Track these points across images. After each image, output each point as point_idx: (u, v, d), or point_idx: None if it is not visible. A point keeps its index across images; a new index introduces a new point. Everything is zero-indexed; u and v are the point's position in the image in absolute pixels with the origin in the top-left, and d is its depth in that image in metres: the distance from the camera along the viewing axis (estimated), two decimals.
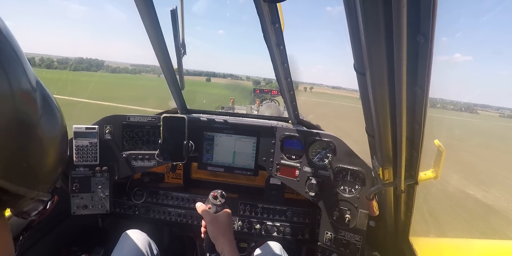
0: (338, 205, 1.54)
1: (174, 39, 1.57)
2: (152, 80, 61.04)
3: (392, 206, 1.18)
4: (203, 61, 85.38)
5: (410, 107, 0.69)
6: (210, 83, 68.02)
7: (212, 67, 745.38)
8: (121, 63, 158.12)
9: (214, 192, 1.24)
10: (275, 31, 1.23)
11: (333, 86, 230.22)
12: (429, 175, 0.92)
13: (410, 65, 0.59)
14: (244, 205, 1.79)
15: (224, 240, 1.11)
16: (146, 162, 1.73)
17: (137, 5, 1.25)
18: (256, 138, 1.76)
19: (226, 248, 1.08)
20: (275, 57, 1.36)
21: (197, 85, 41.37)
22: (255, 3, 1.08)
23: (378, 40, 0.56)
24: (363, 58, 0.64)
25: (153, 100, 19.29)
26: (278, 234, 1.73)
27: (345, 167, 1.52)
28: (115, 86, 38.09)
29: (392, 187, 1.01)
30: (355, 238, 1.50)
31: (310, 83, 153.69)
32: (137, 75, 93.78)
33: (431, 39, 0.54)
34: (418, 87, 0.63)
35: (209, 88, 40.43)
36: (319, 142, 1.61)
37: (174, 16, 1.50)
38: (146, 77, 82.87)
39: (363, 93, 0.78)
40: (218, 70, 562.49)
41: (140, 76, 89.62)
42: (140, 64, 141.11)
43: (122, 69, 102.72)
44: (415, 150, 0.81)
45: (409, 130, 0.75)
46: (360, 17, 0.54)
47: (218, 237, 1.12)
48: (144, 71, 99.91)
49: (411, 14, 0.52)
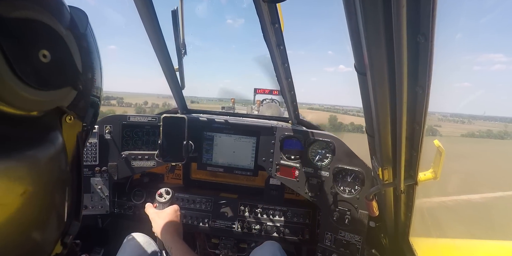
0: (338, 206, 1.54)
1: (174, 39, 1.57)
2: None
3: (392, 207, 1.18)
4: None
5: (411, 108, 0.69)
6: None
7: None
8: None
9: (159, 191, 1.26)
10: (275, 31, 1.23)
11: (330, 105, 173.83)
12: (428, 175, 0.92)
13: (411, 65, 0.59)
14: (244, 205, 1.79)
15: (167, 236, 1.10)
16: (146, 162, 1.72)
17: (137, 5, 1.25)
18: (256, 138, 1.76)
19: (171, 244, 1.08)
20: (275, 58, 1.36)
21: None
22: (254, 3, 1.08)
23: (378, 40, 0.56)
24: (364, 58, 0.64)
25: None
26: (278, 234, 1.73)
27: (345, 167, 1.52)
28: None
29: (392, 187, 1.01)
30: (355, 238, 1.50)
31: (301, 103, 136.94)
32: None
33: (431, 39, 0.54)
34: (419, 87, 0.63)
35: None
36: (319, 142, 1.61)
37: (175, 16, 1.50)
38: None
39: (364, 93, 0.78)
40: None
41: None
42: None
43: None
44: (414, 150, 0.81)
45: (409, 130, 0.75)
46: (360, 17, 0.54)
47: (162, 233, 1.12)
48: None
49: (411, 14, 0.52)
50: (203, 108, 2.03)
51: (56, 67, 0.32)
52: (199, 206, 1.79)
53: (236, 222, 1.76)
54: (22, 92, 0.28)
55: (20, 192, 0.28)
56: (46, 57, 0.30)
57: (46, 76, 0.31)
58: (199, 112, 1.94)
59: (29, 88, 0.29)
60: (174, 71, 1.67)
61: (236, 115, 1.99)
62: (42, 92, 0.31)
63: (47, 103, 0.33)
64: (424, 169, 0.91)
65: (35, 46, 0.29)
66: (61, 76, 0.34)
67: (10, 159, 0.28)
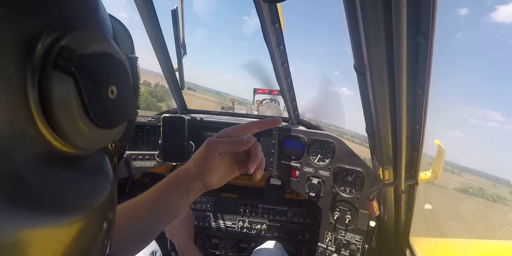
0: (338, 206, 1.54)
1: (174, 39, 1.57)
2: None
3: (393, 207, 1.18)
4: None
5: (411, 108, 0.69)
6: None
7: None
8: None
9: None
10: (275, 31, 1.23)
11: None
12: (429, 175, 0.92)
13: (410, 66, 0.59)
14: (244, 205, 1.79)
15: (180, 239, 1.11)
16: (146, 162, 1.73)
17: (137, 5, 1.25)
18: (256, 138, 1.76)
19: (184, 248, 1.09)
20: (275, 58, 1.36)
21: None
22: (255, 3, 1.08)
23: (378, 40, 0.56)
24: (363, 58, 0.64)
25: None
26: (278, 234, 1.73)
27: (345, 167, 1.52)
28: None
29: (392, 187, 1.01)
30: (355, 238, 1.50)
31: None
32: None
33: (431, 40, 0.54)
34: (418, 87, 0.63)
35: None
36: (319, 142, 1.61)
37: (174, 16, 1.50)
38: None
39: (363, 93, 0.78)
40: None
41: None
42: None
43: None
44: (415, 150, 0.81)
45: (410, 130, 0.75)
46: (360, 17, 0.54)
47: (174, 235, 1.12)
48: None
49: (411, 15, 0.52)
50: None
51: (121, 103, 0.29)
52: (200, 206, 1.79)
53: (237, 222, 1.76)
54: (89, 132, 0.25)
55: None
56: (113, 93, 0.27)
57: (112, 114, 0.28)
58: (199, 113, 1.94)
59: (94, 128, 0.26)
60: (174, 71, 1.67)
61: (236, 115, 1.99)
62: (105, 130, 0.28)
63: (106, 141, 0.30)
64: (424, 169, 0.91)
65: (107, 83, 0.27)
66: (124, 112, 0.31)
67: (74, 213, 0.24)
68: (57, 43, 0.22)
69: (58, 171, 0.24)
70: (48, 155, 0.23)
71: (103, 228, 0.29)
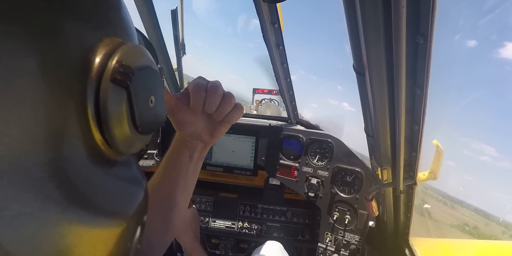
0: (338, 206, 1.54)
1: (174, 39, 1.57)
2: None
3: (392, 207, 1.18)
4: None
5: (409, 108, 0.69)
6: None
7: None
8: None
9: None
10: (275, 31, 1.23)
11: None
12: (427, 175, 0.92)
13: (409, 66, 0.59)
14: (243, 205, 1.79)
15: (186, 240, 1.11)
16: (145, 161, 1.72)
17: (137, 5, 1.25)
18: (255, 138, 1.76)
19: (190, 250, 1.09)
20: (275, 58, 1.36)
21: None
22: (254, 3, 1.08)
23: (377, 40, 0.56)
24: (362, 58, 0.64)
25: None
26: (278, 234, 1.73)
27: (344, 167, 1.52)
28: None
29: (391, 187, 1.01)
30: (355, 238, 1.50)
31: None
32: None
33: (430, 40, 0.54)
34: (417, 87, 0.63)
35: None
36: (318, 142, 1.61)
37: (174, 16, 1.51)
38: None
39: (362, 94, 0.78)
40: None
41: None
42: None
43: None
44: (414, 151, 0.81)
45: (408, 130, 0.75)
46: (360, 17, 0.54)
47: (180, 235, 1.12)
48: None
49: (411, 15, 0.52)
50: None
51: (157, 110, 0.31)
52: (199, 206, 1.79)
53: (236, 222, 1.76)
54: (134, 139, 0.27)
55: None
56: (152, 102, 0.30)
57: (151, 121, 0.30)
58: None
59: (137, 134, 0.28)
60: (173, 71, 1.67)
61: None
62: (144, 136, 0.30)
63: (141, 146, 0.32)
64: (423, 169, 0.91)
65: (149, 93, 0.29)
66: (159, 119, 0.33)
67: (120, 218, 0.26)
68: (111, 58, 0.23)
69: (105, 174, 0.26)
70: (96, 159, 0.25)
71: (139, 232, 0.31)
